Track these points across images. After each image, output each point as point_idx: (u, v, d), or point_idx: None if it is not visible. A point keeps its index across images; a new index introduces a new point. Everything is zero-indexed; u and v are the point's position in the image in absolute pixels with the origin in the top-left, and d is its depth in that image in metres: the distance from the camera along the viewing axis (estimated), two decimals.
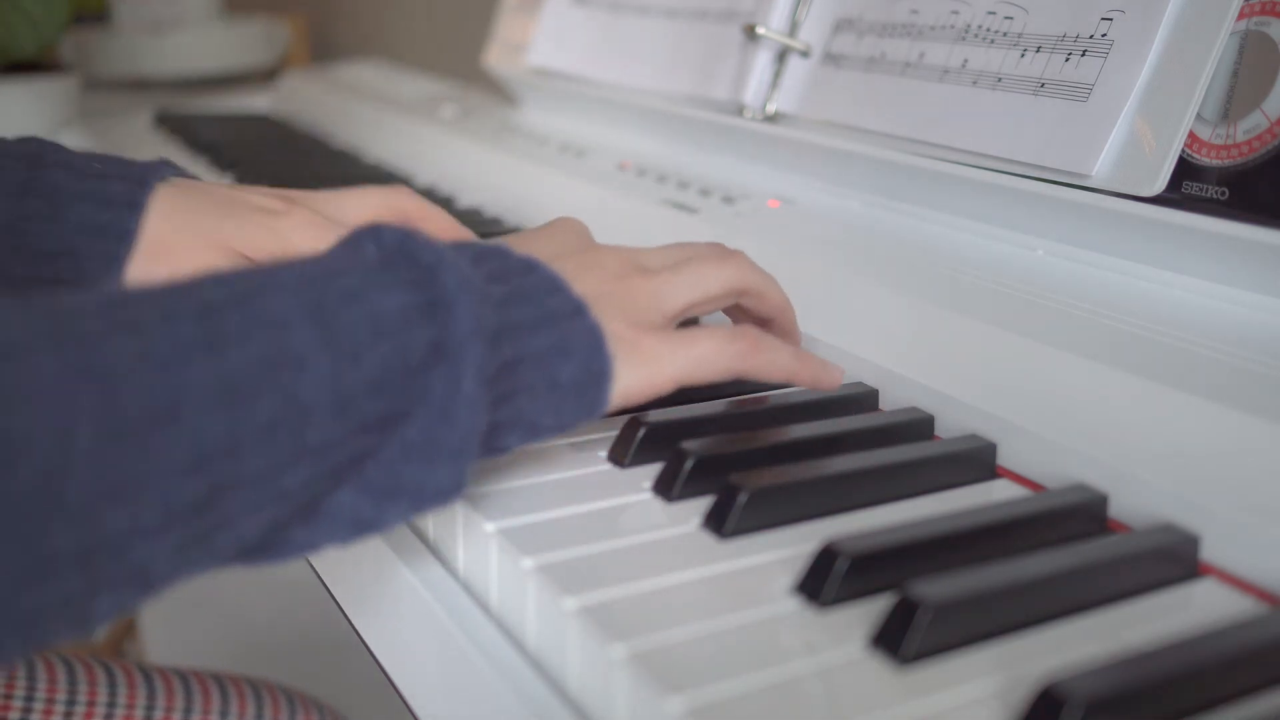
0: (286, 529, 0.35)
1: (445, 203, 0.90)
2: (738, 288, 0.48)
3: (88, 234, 0.54)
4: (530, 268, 0.41)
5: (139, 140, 1.20)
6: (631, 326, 0.43)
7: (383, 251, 0.38)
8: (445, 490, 0.37)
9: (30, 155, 0.56)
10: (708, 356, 0.44)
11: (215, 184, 0.59)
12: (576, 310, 0.41)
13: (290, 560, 0.36)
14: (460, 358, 0.36)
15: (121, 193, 0.55)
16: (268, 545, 0.35)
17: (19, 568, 0.28)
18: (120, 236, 0.54)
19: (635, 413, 0.48)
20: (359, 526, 0.36)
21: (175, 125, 1.23)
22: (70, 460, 0.28)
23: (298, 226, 0.56)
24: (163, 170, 0.57)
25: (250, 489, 0.32)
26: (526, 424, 0.40)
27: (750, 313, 0.51)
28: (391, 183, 0.97)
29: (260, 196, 0.58)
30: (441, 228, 0.56)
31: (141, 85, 1.79)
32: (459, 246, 0.40)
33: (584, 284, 0.43)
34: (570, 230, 0.50)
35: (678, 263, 0.47)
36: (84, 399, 0.29)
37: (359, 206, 0.56)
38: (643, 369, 0.42)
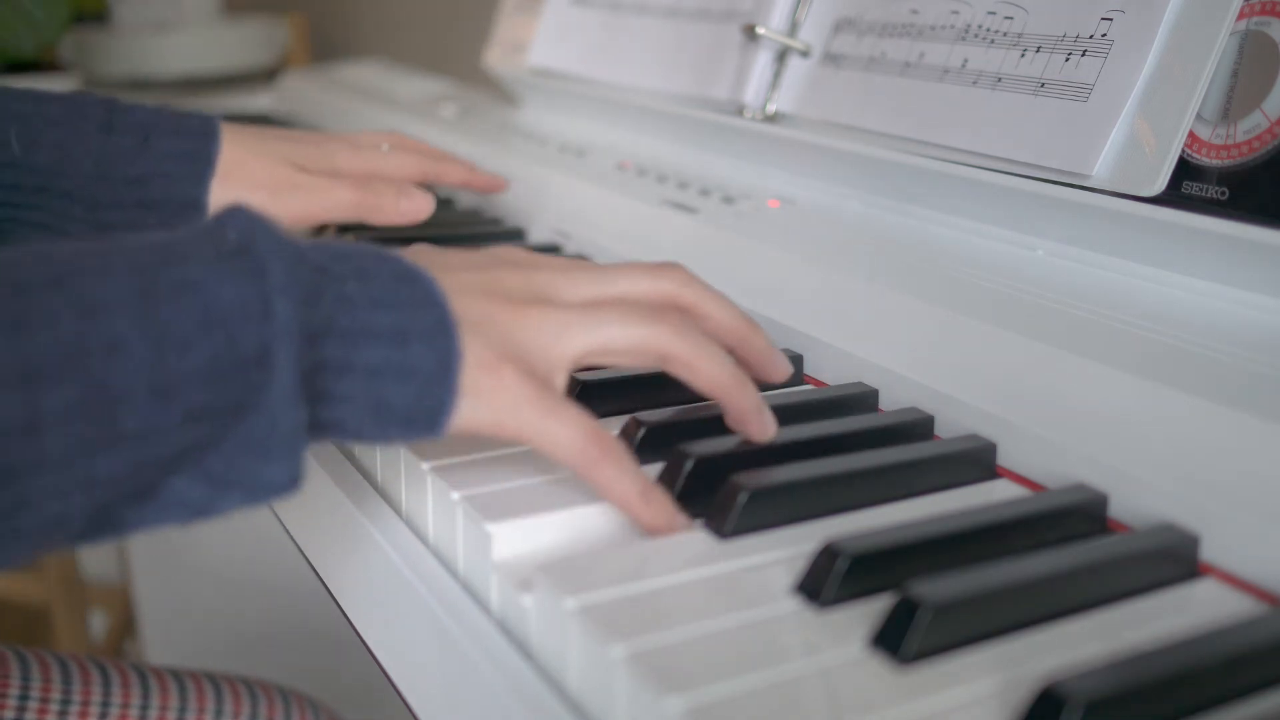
0: (114, 510, 0.35)
1: (445, 203, 0.90)
2: (653, 353, 0.43)
3: (176, 159, 0.63)
4: (410, 277, 0.39)
5: None
6: (503, 360, 0.39)
7: (239, 236, 0.37)
8: (280, 485, 0.37)
9: (105, 101, 0.64)
10: (555, 438, 0.40)
11: (265, 127, 0.70)
12: (441, 330, 0.38)
13: (126, 537, 0.36)
14: (279, 356, 0.35)
15: (199, 125, 0.65)
16: (97, 526, 0.35)
17: None
18: (206, 159, 0.63)
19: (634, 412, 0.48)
20: (194, 511, 0.36)
21: None
22: None
23: (339, 151, 0.69)
24: (216, 116, 0.67)
25: (55, 472, 0.32)
26: (349, 431, 0.39)
27: (689, 388, 0.45)
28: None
29: (306, 133, 0.70)
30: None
31: (141, 85, 1.79)
32: (331, 247, 0.39)
33: (470, 303, 0.40)
34: (502, 250, 0.46)
35: (591, 299, 0.43)
36: None
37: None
38: (490, 409, 0.39)
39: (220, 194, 0.64)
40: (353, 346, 0.38)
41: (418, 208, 0.67)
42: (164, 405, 0.34)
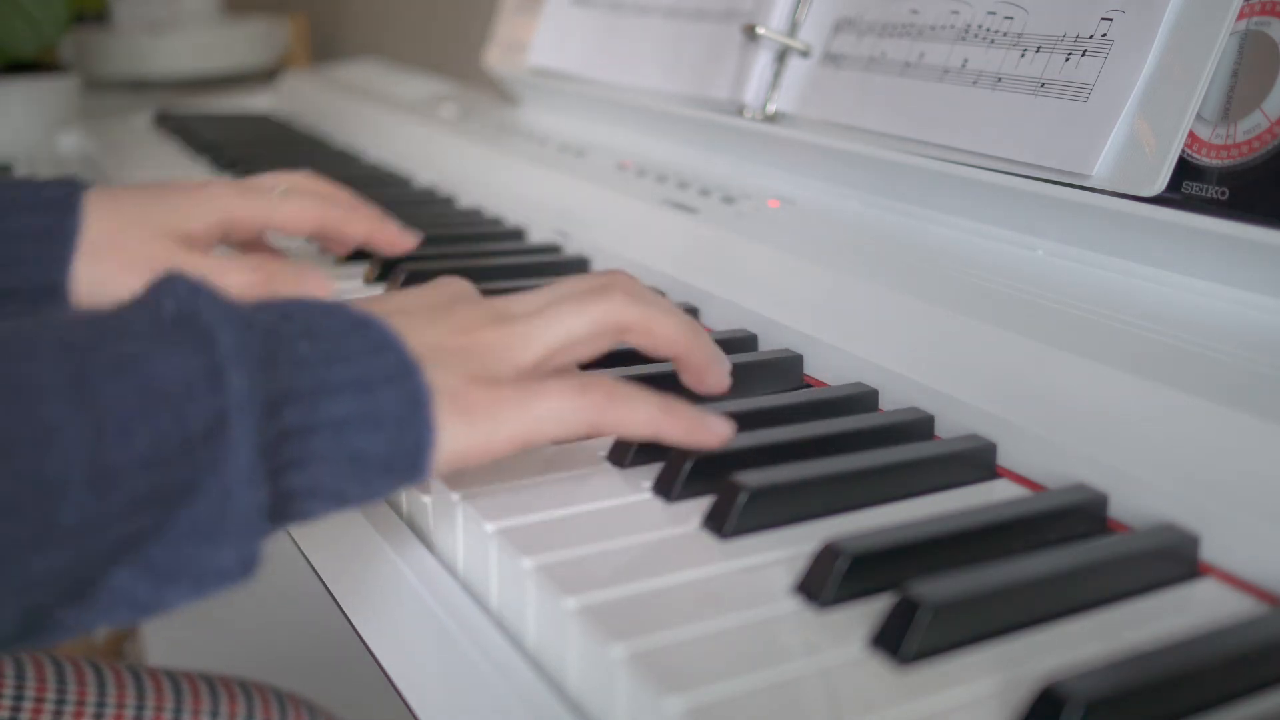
0: (51, 612, 0.32)
1: (445, 203, 0.90)
2: (612, 325, 0.43)
3: (30, 240, 0.54)
4: (361, 325, 0.38)
5: (139, 140, 1.20)
6: (471, 382, 0.39)
7: (178, 305, 0.35)
8: (230, 571, 0.34)
9: None
10: (552, 413, 0.40)
11: (138, 183, 0.62)
12: (401, 371, 0.37)
13: (62, 641, 0.33)
14: (236, 430, 0.33)
15: (57, 198, 0.56)
16: (31, 629, 0.32)
17: None
18: (64, 236, 0.55)
19: None
20: (136, 609, 0.33)
21: (175, 125, 1.23)
22: None
23: (221, 196, 0.60)
24: (81, 181, 0.59)
25: None
26: (329, 493, 0.37)
27: (648, 353, 0.46)
28: (393, 182, 0.97)
29: (187, 182, 0.62)
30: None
31: (141, 85, 1.79)
32: (277, 305, 0.38)
33: (424, 338, 0.39)
34: (442, 285, 0.45)
35: (541, 306, 0.43)
36: None
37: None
38: (472, 431, 0.38)
39: (90, 275, 0.55)
40: (315, 406, 0.35)
41: (316, 291, 0.59)
42: (104, 496, 0.31)
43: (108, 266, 0.55)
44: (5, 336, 0.32)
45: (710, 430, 0.43)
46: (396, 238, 0.67)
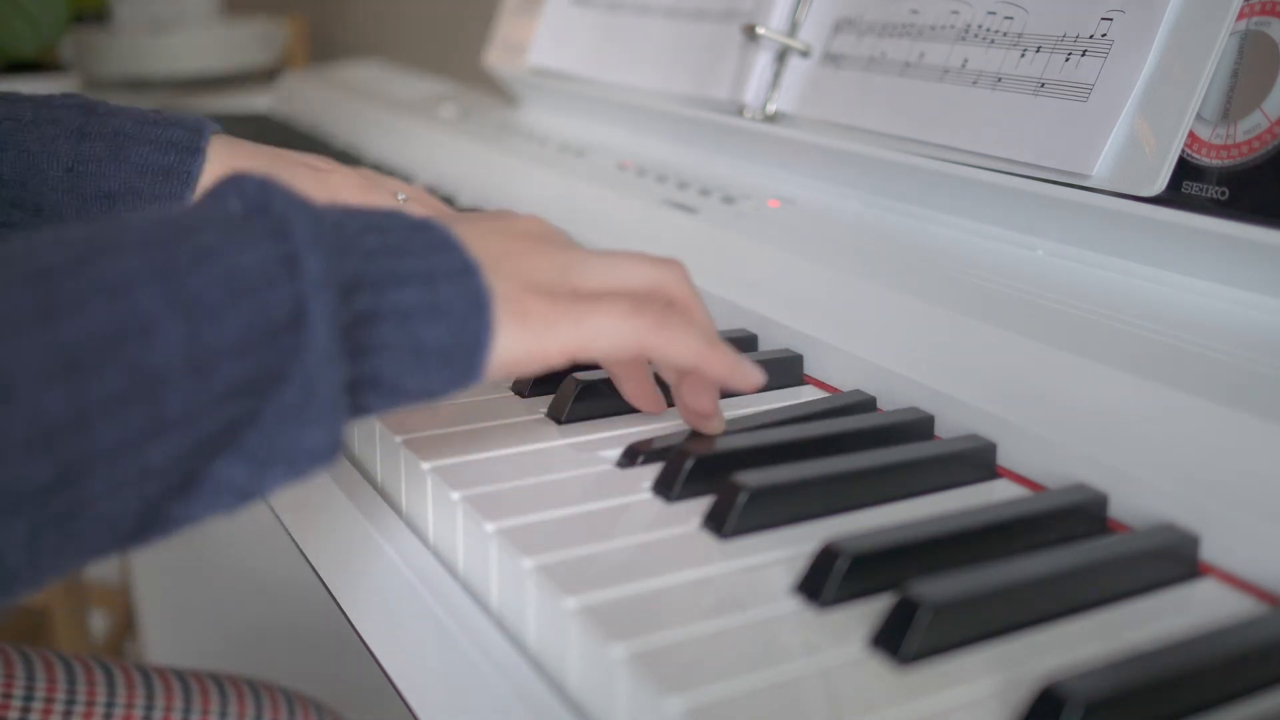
0: (162, 506, 0.33)
1: (445, 200, 0.90)
2: (665, 290, 0.44)
3: (151, 175, 0.56)
4: (424, 227, 0.39)
5: None
6: (526, 289, 0.40)
7: (245, 203, 0.36)
8: (320, 451, 0.35)
9: (84, 104, 0.57)
10: (605, 328, 0.40)
11: (263, 144, 0.62)
12: (463, 270, 0.38)
13: (170, 537, 0.35)
14: (314, 311, 0.34)
15: (183, 138, 0.57)
16: (146, 525, 0.33)
17: None
18: (184, 178, 0.56)
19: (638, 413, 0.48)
20: (239, 496, 0.35)
21: None
22: None
23: (344, 183, 0.60)
24: (211, 123, 0.60)
25: (107, 466, 0.30)
26: (387, 386, 0.37)
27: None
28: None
29: (312, 157, 0.62)
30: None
31: (141, 85, 1.79)
32: (340, 205, 0.39)
33: (486, 246, 0.40)
34: (504, 212, 0.46)
35: (602, 252, 0.44)
36: None
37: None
38: (527, 335, 0.39)
39: None
40: (382, 294, 0.36)
41: None
42: (203, 383, 0.32)
43: None
44: (88, 235, 0.33)
45: (749, 374, 0.44)
46: None
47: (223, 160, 0.58)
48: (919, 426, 0.49)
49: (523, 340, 0.39)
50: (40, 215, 0.56)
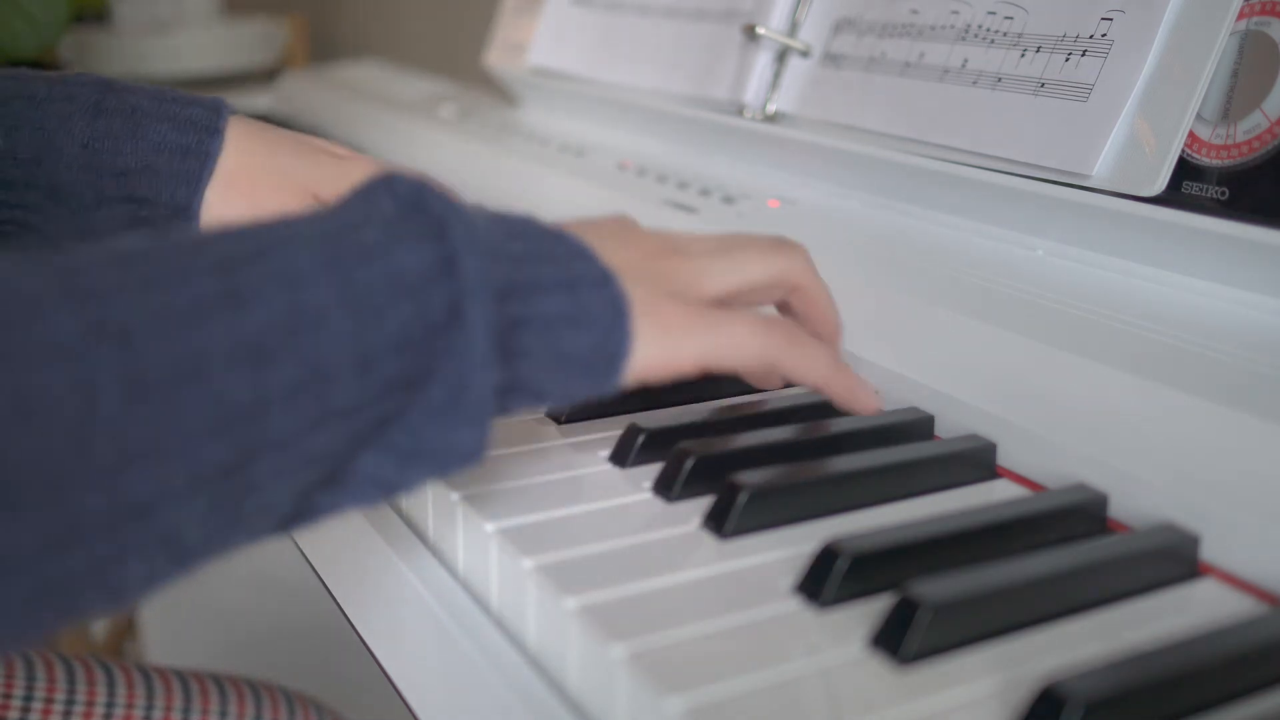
0: (313, 495, 0.34)
1: None
2: (786, 280, 0.45)
3: (168, 153, 0.55)
4: (559, 235, 0.39)
5: None
6: (662, 296, 0.40)
7: (398, 203, 0.36)
8: (468, 451, 0.35)
9: (100, 81, 0.56)
10: (738, 339, 0.41)
11: (282, 129, 0.61)
12: (602, 279, 0.38)
13: (318, 524, 0.35)
14: (472, 314, 0.34)
15: (202, 117, 0.56)
16: (299, 512, 0.34)
17: (46, 530, 0.27)
18: (202, 158, 0.55)
19: (638, 414, 0.48)
20: (383, 489, 0.35)
21: None
22: (94, 419, 0.28)
23: (364, 170, 0.59)
24: (228, 104, 0.59)
25: (277, 453, 0.31)
26: (531, 390, 0.38)
27: (794, 317, 0.48)
28: None
29: (330, 144, 0.61)
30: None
31: None
32: (484, 209, 0.39)
33: (615, 256, 0.40)
34: (615, 217, 0.46)
35: (724, 248, 0.44)
36: (105, 356, 0.28)
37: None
38: (664, 343, 0.40)
39: (219, 207, 0.55)
40: (529, 300, 0.37)
41: None
42: (366, 377, 0.33)
43: (234, 203, 0.55)
44: (262, 229, 0.34)
45: (868, 400, 0.45)
46: None
47: (240, 143, 0.57)
48: (919, 426, 0.49)
49: (660, 347, 0.40)
50: (56, 198, 0.54)
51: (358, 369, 0.32)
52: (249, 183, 0.56)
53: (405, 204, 0.36)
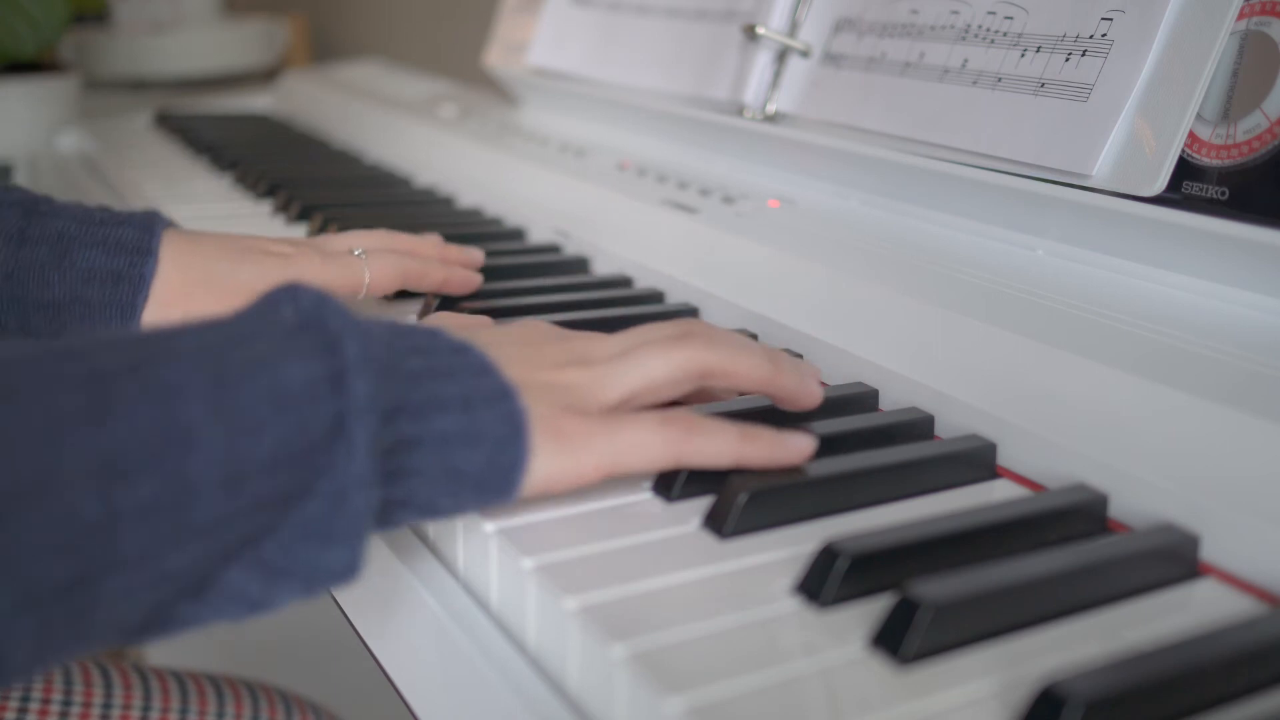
0: (172, 607, 0.33)
1: (445, 203, 0.90)
2: (691, 370, 0.44)
3: (99, 281, 0.52)
4: (462, 349, 0.39)
5: (139, 140, 1.20)
6: (558, 410, 0.40)
7: (299, 315, 0.36)
8: (339, 571, 0.35)
9: (23, 202, 0.53)
10: (636, 444, 0.41)
11: (217, 232, 0.59)
12: (502, 394, 0.38)
13: (175, 636, 0.34)
14: (355, 432, 0.34)
15: (133, 238, 0.53)
16: (151, 624, 0.33)
17: None
18: (136, 283, 0.53)
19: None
20: (248, 606, 0.34)
21: (175, 125, 1.23)
22: None
23: (308, 265, 0.58)
24: (161, 218, 0.57)
25: (127, 572, 0.30)
26: (420, 505, 0.37)
27: (738, 390, 0.47)
28: (393, 183, 0.97)
29: (268, 241, 0.59)
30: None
31: (141, 85, 1.79)
32: (386, 323, 0.39)
33: (516, 370, 0.40)
34: (524, 325, 0.47)
35: (625, 350, 0.44)
36: None
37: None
38: (564, 456, 0.40)
39: (157, 320, 0.53)
40: (423, 419, 0.36)
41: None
42: (234, 495, 0.32)
43: (171, 317, 0.53)
44: (143, 339, 0.33)
45: (793, 449, 0.43)
46: (466, 282, 0.65)
47: (176, 260, 0.54)
48: (919, 426, 0.49)
49: (558, 460, 0.39)
50: None
51: (226, 486, 0.32)
52: (185, 297, 0.54)
53: (305, 316, 0.36)
